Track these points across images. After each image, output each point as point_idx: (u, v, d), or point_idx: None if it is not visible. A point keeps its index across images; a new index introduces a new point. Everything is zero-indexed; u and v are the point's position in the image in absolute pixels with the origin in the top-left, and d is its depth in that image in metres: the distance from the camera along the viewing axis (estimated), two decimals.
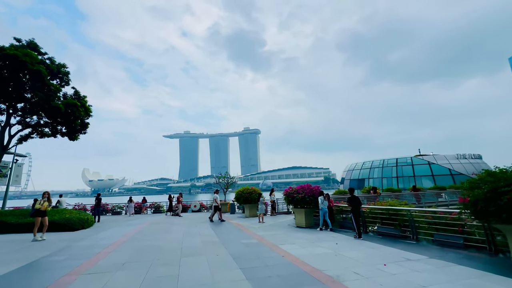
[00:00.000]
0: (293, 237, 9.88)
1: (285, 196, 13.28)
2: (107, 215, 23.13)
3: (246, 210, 18.32)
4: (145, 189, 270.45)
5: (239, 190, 18.57)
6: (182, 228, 12.72)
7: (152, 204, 24.51)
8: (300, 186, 13.05)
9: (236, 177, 28.26)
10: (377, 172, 38.69)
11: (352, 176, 43.06)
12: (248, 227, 12.89)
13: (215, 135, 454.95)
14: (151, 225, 14.42)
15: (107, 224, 15.39)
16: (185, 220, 16.37)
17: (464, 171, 33.96)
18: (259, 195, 14.59)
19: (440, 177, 33.02)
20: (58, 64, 17.72)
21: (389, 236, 9.53)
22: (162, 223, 15.27)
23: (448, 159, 35.75)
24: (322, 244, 8.52)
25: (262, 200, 14.50)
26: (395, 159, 37.81)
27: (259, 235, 10.39)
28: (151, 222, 15.90)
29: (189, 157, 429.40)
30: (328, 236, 9.89)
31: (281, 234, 10.66)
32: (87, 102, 18.04)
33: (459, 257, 6.50)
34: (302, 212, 12.51)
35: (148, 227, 13.35)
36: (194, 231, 11.72)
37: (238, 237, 9.96)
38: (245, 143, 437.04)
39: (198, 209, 23.76)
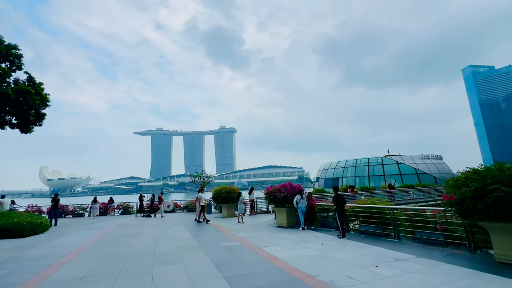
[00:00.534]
0: (276, 238, 9.40)
1: (266, 195, 12.79)
2: (67, 218, 20.82)
3: (224, 210, 17.56)
4: (113, 188, 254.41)
5: (217, 189, 17.73)
6: (155, 231, 11.62)
7: (120, 205, 22.60)
8: (282, 184, 12.65)
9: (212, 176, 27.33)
10: (350, 171, 40.11)
11: (327, 175, 44.18)
12: (227, 228, 12.18)
13: (189, 133, 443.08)
14: (118, 228, 13.03)
15: (66, 228, 13.63)
16: (158, 222, 15.15)
17: (427, 170, 36.52)
18: (239, 194, 13.95)
19: (407, 176, 35.12)
20: (8, 45, 15.29)
21: (371, 235, 9.48)
22: (131, 225, 13.92)
23: (414, 159, 38.21)
24: (308, 245, 8.14)
25: (242, 200, 13.87)
26: (367, 159, 39.49)
27: (240, 236, 9.75)
28: (119, 224, 14.44)
29: (162, 155, 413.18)
30: (311, 236, 9.58)
31: (263, 235, 10.14)
32: (43, 90, 15.83)
33: (444, 255, 6.49)
34: (284, 212, 12.12)
35: (114, 231, 12.00)
36: (169, 234, 10.72)
37: (218, 240, 9.22)
38: (221, 142, 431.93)
39: (171, 210, 22.40)
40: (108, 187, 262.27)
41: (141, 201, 20.23)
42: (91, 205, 19.35)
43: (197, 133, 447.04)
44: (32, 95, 14.76)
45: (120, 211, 22.34)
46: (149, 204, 21.89)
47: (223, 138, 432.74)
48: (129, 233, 11.08)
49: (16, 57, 15.68)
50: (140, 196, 20.51)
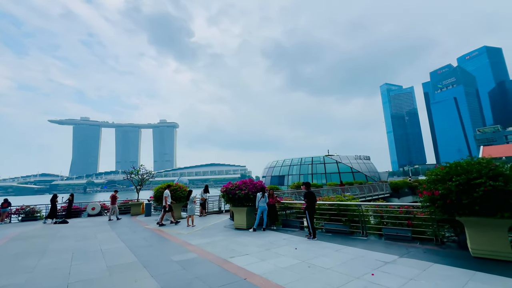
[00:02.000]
0: (240, 243, 7.89)
1: (223, 193, 11.11)
2: None
3: None
4: (16, 187, 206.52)
5: (160, 187, 15.02)
6: (72, 244, 8.55)
7: (21, 208, 17.16)
8: (241, 181, 11.20)
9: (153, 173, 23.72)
10: (295, 169, 41.59)
11: (273, 173, 44.82)
12: (175, 233, 10.01)
13: (124, 125, 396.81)
14: (12, 242, 9.24)
15: None
16: (77, 230, 11.65)
17: (360, 169, 40.76)
18: (189, 192, 11.83)
19: (344, 174, 38.38)
20: None
21: (338, 233, 8.97)
22: (35, 237, 10.18)
23: (349, 159, 42.19)
24: (280, 250, 6.94)
25: (193, 199, 11.76)
26: (311, 158, 41.64)
27: (194, 245, 7.86)
28: (15, 236, 10.42)
29: (87, 149, 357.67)
30: (279, 239, 8.45)
31: (223, 240, 8.48)
32: None
33: (421, 253, 6.21)
34: (244, 212, 10.70)
35: (5, 247, 8.35)
36: (93, 247, 7.94)
37: (167, 252, 7.13)
38: (160, 137, 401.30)
39: (98, 212, 18.28)
40: (8, 186, 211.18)
41: (53, 203, 15.67)
42: None
43: (133, 126, 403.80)
44: None
45: (21, 217, 16.96)
46: (65, 207, 17.27)
47: (163, 133, 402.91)
48: (29, 251, 7.76)
49: None
50: (53, 197, 15.90)
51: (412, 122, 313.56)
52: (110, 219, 15.34)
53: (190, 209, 11.49)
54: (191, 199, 11.64)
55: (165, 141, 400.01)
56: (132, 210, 18.12)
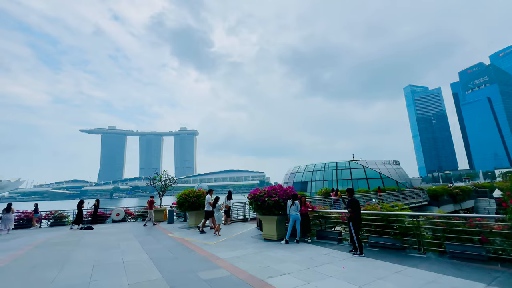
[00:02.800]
0: (274, 259, 6.90)
1: (250, 200, 10.21)
2: None
3: (191, 218, 14.38)
4: (50, 193, 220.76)
5: (182, 193, 14.47)
6: (94, 254, 8.06)
7: (51, 213, 17.47)
8: (270, 187, 10.25)
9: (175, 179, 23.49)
10: (319, 175, 39.77)
11: (295, 179, 43.28)
12: (201, 244, 9.23)
13: (147, 133, 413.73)
14: (37, 249, 8.98)
15: None
16: (101, 237, 11.30)
17: (389, 175, 38.06)
18: (216, 199, 11.06)
19: (372, 181, 35.96)
20: None
21: (386, 248, 7.67)
22: (59, 244, 9.91)
23: (377, 164, 39.61)
24: (325, 269, 5.84)
25: (219, 206, 10.94)
26: (335, 163, 39.65)
27: (223, 259, 6.99)
28: (41, 242, 10.24)
29: (113, 157, 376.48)
30: (318, 254, 7.33)
31: (254, 254, 7.53)
32: None
33: None
34: (274, 221, 9.70)
35: (29, 255, 8.05)
36: (115, 258, 7.36)
37: (194, 267, 6.31)
38: (181, 144, 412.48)
39: (122, 219, 18.16)
40: (44, 191, 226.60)
41: (80, 209, 15.71)
42: (2, 215, 14.16)
43: (155, 134, 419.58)
44: None
45: (50, 222, 17.25)
46: (91, 212, 17.33)
47: (183, 140, 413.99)
48: (50, 260, 7.34)
49: None
50: (79, 203, 15.96)
51: (441, 125, 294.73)
52: (146, 224, 15.27)
53: (217, 217, 10.66)
54: (217, 207, 10.82)
55: (185, 148, 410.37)
56: (155, 217, 17.76)
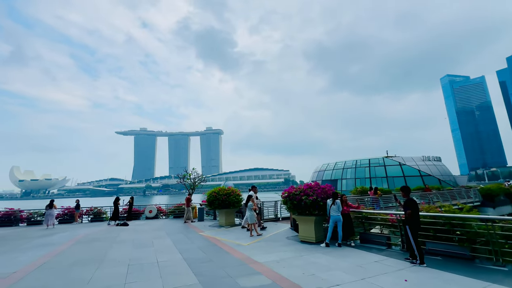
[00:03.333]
0: (319, 265, 6.14)
1: (285, 199, 9.52)
2: (19, 226, 16.48)
3: (221, 216, 14.08)
4: (92, 190, 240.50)
5: (212, 191, 14.22)
6: (129, 252, 7.99)
7: (90, 210, 18.44)
8: (306, 185, 9.46)
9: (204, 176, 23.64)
10: (350, 172, 37.73)
11: (324, 177, 41.60)
12: (234, 244, 8.76)
13: (175, 134, 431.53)
14: (77, 245, 9.22)
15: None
16: (136, 234, 11.42)
17: (430, 172, 34.81)
18: (248, 197, 10.50)
19: (411, 178, 33.13)
20: None
21: (450, 257, 6.49)
22: (97, 240, 10.13)
23: (415, 161, 36.46)
24: (382, 281, 4.96)
25: (252, 205, 10.40)
26: (367, 160, 37.30)
27: (261, 263, 6.40)
28: (81, 238, 10.58)
29: (145, 156, 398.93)
30: (367, 261, 6.42)
31: (294, 258, 6.85)
32: None
33: None
34: (311, 222, 8.91)
35: (69, 251, 8.22)
36: (149, 257, 7.16)
37: (230, 271, 5.81)
38: (207, 143, 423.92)
39: (155, 216, 18.56)
40: (86, 189, 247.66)
41: (116, 205, 16.28)
42: (45, 210, 15.10)
43: (183, 134, 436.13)
44: None
45: (90, 218, 18.19)
46: (126, 209, 17.95)
47: (209, 139, 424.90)
48: (89, 257, 7.37)
49: None
50: (115, 200, 16.55)
51: (485, 117, 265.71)
52: (185, 221, 15.52)
53: (249, 217, 10.11)
54: (249, 206, 10.29)
55: (211, 147, 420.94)
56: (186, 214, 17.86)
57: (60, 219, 17.60)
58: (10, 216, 17.22)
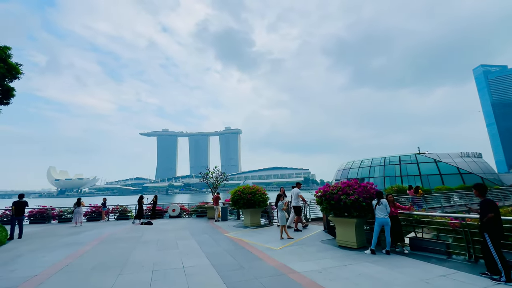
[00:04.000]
0: (370, 278, 5.12)
1: (320, 199, 8.50)
2: (51, 224, 16.96)
3: (246, 216, 13.34)
4: (119, 189, 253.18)
5: (237, 190, 13.53)
6: (153, 255, 7.46)
7: (116, 208, 18.61)
8: (343, 182, 8.38)
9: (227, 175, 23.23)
10: (378, 170, 35.47)
11: (349, 175, 39.60)
12: (264, 248, 7.93)
13: (195, 134, 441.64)
14: (101, 245, 8.92)
15: (27, 243, 9.56)
16: (160, 234, 11.01)
17: (470, 169, 31.67)
18: (278, 196, 9.55)
19: (448, 177, 30.33)
20: None
21: None
22: (121, 240, 9.81)
23: (452, 157, 33.38)
24: None
25: (282, 205, 9.48)
26: (397, 157, 34.80)
27: (299, 272, 5.50)
28: (106, 237, 10.35)
29: (167, 156, 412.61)
30: (430, 274, 5.27)
31: (337, 268, 5.86)
32: (11, 57, 11.93)
33: None
34: (352, 225, 7.82)
35: (92, 253, 7.89)
36: (174, 261, 6.55)
37: (266, 282, 4.96)
38: (226, 143, 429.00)
39: (178, 214, 18.32)
40: (114, 187, 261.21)
41: (140, 204, 16.18)
42: (74, 208, 15.31)
43: (202, 134, 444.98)
44: None
45: (116, 216, 18.37)
46: (150, 208, 17.88)
47: (228, 139, 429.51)
48: (111, 260, 6.92)
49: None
50: (139, 198, 16.46)
51: None
52: (217, 220, 15.27)
53: (280, 218, 9.21)
54: (279, 206, 9.39)
55: (230, 146, 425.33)
56: (209, 213, 17.42)
57: (88, 216, 17.95)
58: (43, 213, 17.84)
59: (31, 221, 17.51)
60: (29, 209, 18.00)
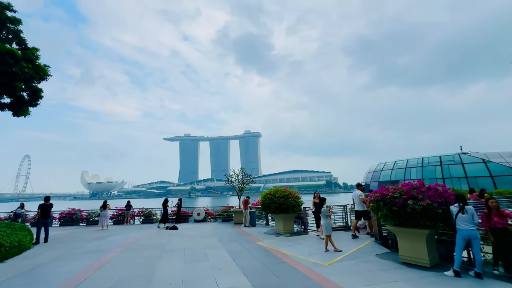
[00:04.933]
0: None
1: (377, 204, 6.99)
2: (80, 226, 16.93)
3: (278, 223, 12.04)
4: (144, 192, 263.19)
5: (267, 193, 12.29)
6: (180, 266, 6.44)
7: (142, 211, 18.22)
8: (406, 184, 6.82)
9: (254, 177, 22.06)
10: (415, 172, 32.38)
11: (381, 178, 36.72)
12: (310, 263, 6.58)
13: (215, 138, 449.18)
14: (125, 253, 8.12)
15: (52, 247, 9.06)
16: (186, 241, 10.06)
17: None
18: (322, 200, 8.05)
19: (501, 179, 26.68)
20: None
21: None
22: (146, 248, 8.97)
23: (504, 157, 29.46)
24: None
25: (327, 211, 8.05)
26: (437, 157, 31.53)
27: None
28: (131, 244, 9.61)
29: (189, 160, 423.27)
30: None
31: None
32: (38, 58, 11.85)
33: None
34: (422, 237, 6.21)
35: (115, 263, 7.06)
36: (206, 278, 5.46)
37: None
38: (245, 146, 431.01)
39: (203, 218, 17.48)
40: (140, 190, 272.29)
41: (165, 207, 15.55)
42: (100, 211, 15.00)
43: (223, 138, 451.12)
44: (19, 60, 10.73)
45: (141, 219, 17.97)
46: (175, 211, 17.23)
47: (248, 142, 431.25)
48: (135, 274, 5.98)
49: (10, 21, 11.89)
50: (164, 202, 15.85)
51: None
52: (246, 225, 14.31)
53: (325, 226, 7.75)
54: (323, 212, 7.96)
55: (250, 150, 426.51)
56: (235, 218, 16.35)
57: (114, 219, 17.74)
58: (72, 216, 17.93)
59: (61, 224, 17.65)
60: (59, 212, 18.25)
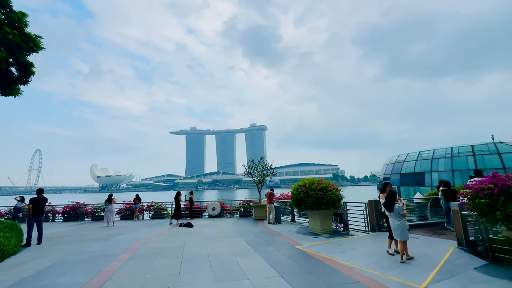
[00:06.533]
0: None
1: (492, 199, 4.91)
2: (84, 222, 15.43)
3: (314, 220, 10.08)
4: (152, 185, 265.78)
5: (300, 185, 10.28)
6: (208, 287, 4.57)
7: (151, 205, 16.55)
8: (489, 176, 4.70)
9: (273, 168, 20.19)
10: (443, 163, 29.84)
11: (402, 170, 34.27)
12: (395, 285, 4.61)
13: (221, 132, 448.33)
14: (133, 262, 6.29)
15: (44, 251, 7.32)
16: (207, 242, 8.19)
17: None
18: (392, 194, 5.85)
19: None
20: None
21: None
22: (160, 254, 7.12)
23: None
24: None
25: (402, 209, 5.88)
26: (469, 146, 28.87)
27: None
28: (139, 247, 7.80)
29: (196, 154, 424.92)
30: None
31: None
32: (27, 25, 9.92)
33: None
34: None
35: (121, 277, 5.22)
36: None
37: None
38: (251, 140, 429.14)
39: (218, 213, 15.71)
40: (148, 183, 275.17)
41: (177, 201, 13.79)
42: (105, 206, 13.32)
43: (229, 131, 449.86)
44: (3, 28, 8.82)
45: (151, 214, 16.32)
46: (188, 205, 15.50)
47: (254, 136, 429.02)
48: None
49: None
50: (176, 195, 14.09)
51: None
52: (270, 222, 12.52)
53: (401, 229, 5.59)
54: (397, 209, 5.78)
55: (255, 143, 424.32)
56: (255, 214, 14.49)
57: (122, 214, 16.17)
58: (76, 210, 16.43)
59: (65, 218, 16.21)
60: (62, 206, 16.79)
